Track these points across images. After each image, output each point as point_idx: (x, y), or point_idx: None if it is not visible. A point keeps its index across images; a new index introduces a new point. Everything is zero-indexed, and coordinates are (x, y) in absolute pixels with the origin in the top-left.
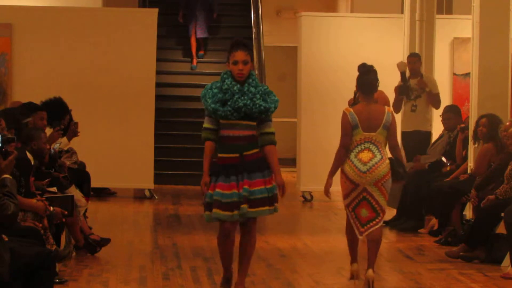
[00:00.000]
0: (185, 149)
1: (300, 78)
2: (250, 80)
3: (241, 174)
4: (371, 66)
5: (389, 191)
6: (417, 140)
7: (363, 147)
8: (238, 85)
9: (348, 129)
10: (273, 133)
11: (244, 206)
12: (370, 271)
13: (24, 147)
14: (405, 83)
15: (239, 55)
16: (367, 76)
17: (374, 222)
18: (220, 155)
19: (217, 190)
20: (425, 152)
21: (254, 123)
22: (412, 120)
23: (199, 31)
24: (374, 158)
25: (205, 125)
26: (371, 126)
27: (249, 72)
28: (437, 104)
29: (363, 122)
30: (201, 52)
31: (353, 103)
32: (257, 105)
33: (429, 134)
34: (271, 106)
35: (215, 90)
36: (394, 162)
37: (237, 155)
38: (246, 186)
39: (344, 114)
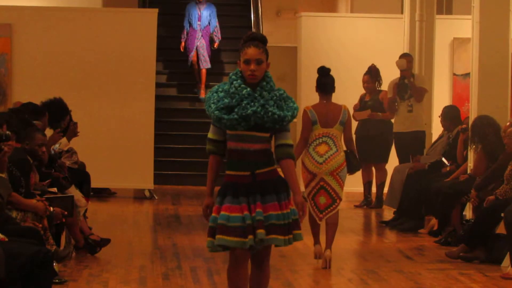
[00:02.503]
0: (185, 149)
1: (300, 78)
2: (264, 83)
3: (253, 196)
4: (329, 69)
5: (344, 180)
6: (412, 140)
7: (320, 141)
8: (249, 89)
9: (308, 124)
10: (290, 145)
11: (261, 231)
12: (328, 251)
13: (24, 147)
14: (403, 80)
15: (252, 52)
16: (325, 78)
17: (331, 208)
18: (227, 172)
19: (223, 212)
20: (420, 153)
21: (267, 135)
22: (407, 121)
23: (202, 62)
24: (330, 151)
25: (210, 135)
26: (328, 122)
27: (263, 74)
28: (419, 97)
29: (322, 118)
30: (203, 72)
31: (359, 108)
32: (270, 113)
33: (423, 134)
34: (287, 115)
35: (221, 94)
36: (349, 154)
37: (248, 173)
38: (259, 210)
39: (305, 111)
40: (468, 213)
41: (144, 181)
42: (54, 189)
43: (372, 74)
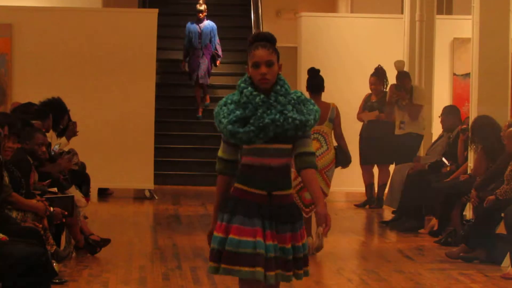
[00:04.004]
0: (185, 150)
1: (300, 78)
2: (278, 87)
3: (268, 221)
4: (319, 70)
5: (331, 179)
6: (408, 142)
7: (312, 138)
8: (262, 95)
9: None
10: (312, 154)
11: (271, 274)
12: (310, 238)
13: (24, 148)
14: (400, 82)
15: (261, 54)
16: (315, 79)
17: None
18: (239, 186)
19: (232, 236)
20: (414, 156)
21: (290, 146)
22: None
23: (201, 78)
24: (320, 148)
25: (220, 154)
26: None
27: (276, 77)
28: (414, 116)
29: None
30: (207, 102)
31: (364, 109)
32: (290, 120)
33: (421, 137)
34: (309, 119)
35: (231, 106)
36: (338, 149)
37: (264, 192)
38: (274, 243)
39: None
40: (468, 213)
41: (144, 181)
42: (54, 189)
43: (379, 76)
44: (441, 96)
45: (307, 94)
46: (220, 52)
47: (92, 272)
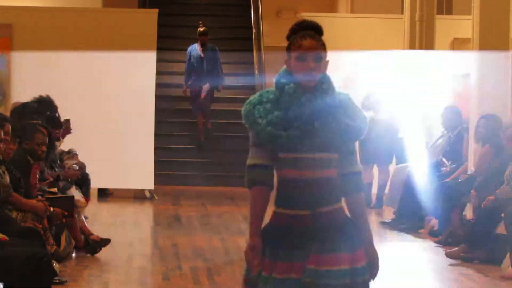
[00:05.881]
0: (185, 150)
1: None
2: (325, 86)
3: (311, 245)
4: None
5: None
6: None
7: None
8: (308, 94)
9: None
10: (359, 173)
11: None
12: None
13: (23, 147)
14: None
15: (308, 45)
16: None
17: None
18: (278, 210)
19: (275, 275)
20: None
21: (335, 156)
22: None
23: (205, 106)
24: None
25: (252, 160)
26: None
27: (321, 75)
28: None
29: None
30: (209, 126)
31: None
32: (342, 124)
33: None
34: (362, 127)
35: (268, 105)
36: None
37: (307, 212)
38: (312, 266)
39: None
40: (468, 213)
41: (144, 181)
42: (54, 189)
43: None
44: (441, 96)
45: None
46: (223, 78)
47: (92, 272)
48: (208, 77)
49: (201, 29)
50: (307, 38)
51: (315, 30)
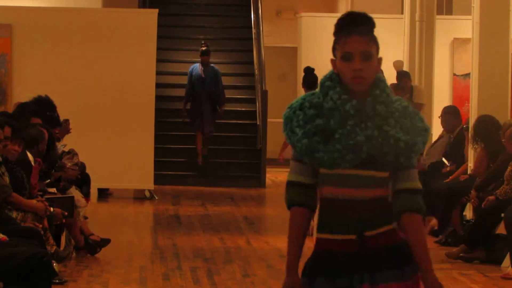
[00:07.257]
0: (185, 150)
1: (300, 78)
2: (377, 92)
3: (359, 275)
4: (313, 69)
5: None
6: None
7: None
8: (355, 101)
9: None
10: (419, 191)
11: None
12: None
13: (25, 148)
14: (399, 82)
15: (355, 42)
16: (310, 76)
17: None
18: (320, 235)
19: None
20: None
21: (386, 174)
22: None
23: (206, 128)
24: None
25: (292, 176)
26: None
27: (374, 76)
28: None
29: None
30: (204, 153)
31: None
32: (392, 139)
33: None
34: (417, 141)
35: (311, 112)
36: None
37: (353, 236)
38: None
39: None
40: (468, 213)
41: (144, 181)
42: (54, 189)
43: None
44: (441, 96)
45: (302, 92)
46: (224, 99)
47: (92, 272)
48: (208, 98)
49: (203, 49)
50: (353, 34)
51: (364, 24)
